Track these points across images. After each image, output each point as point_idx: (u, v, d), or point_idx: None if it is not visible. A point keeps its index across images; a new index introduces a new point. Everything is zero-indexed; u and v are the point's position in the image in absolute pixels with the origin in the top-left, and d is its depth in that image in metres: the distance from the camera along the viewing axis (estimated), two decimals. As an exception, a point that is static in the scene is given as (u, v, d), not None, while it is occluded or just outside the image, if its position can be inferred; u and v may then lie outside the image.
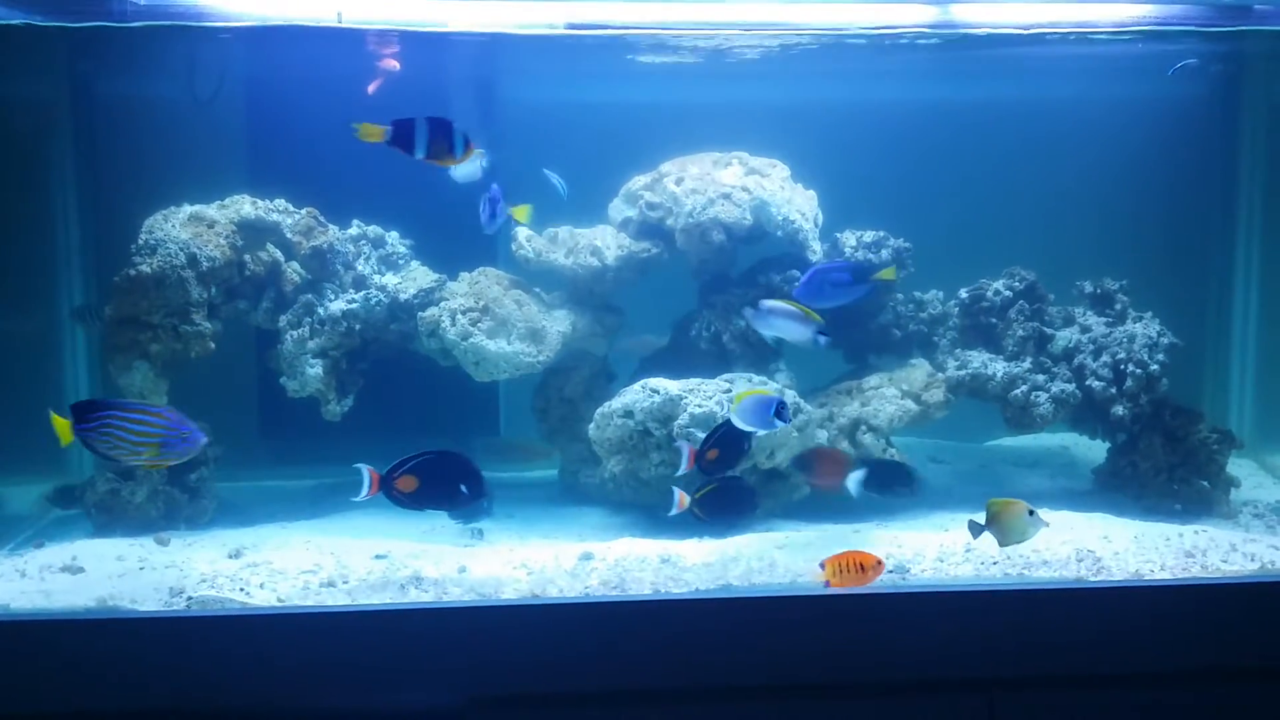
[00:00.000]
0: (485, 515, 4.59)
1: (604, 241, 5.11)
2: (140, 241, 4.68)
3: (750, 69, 5.43)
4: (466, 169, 4.65)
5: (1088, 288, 5.17)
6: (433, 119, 3.92)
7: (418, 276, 5.10)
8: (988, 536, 3.84)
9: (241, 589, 3.84)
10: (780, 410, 4.14)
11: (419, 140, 3.92)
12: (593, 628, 3.64)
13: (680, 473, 4.29)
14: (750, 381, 4.73)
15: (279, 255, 5.05)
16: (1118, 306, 5.08)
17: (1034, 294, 5.13)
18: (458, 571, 4.02)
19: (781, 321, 4.53)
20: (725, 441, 4.25)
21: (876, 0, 4.76)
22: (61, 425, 3.74)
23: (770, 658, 3.63)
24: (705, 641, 3.63)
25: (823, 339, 4.44)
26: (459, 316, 4.86)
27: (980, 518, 3.87)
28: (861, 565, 3.73)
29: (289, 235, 5.00)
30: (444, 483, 3.99)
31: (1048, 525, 3.87)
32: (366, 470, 3.93)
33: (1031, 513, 3.81)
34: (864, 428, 4.87)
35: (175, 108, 5.38)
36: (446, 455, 3.98)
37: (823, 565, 3.71)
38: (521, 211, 4.69)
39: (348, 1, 4.55)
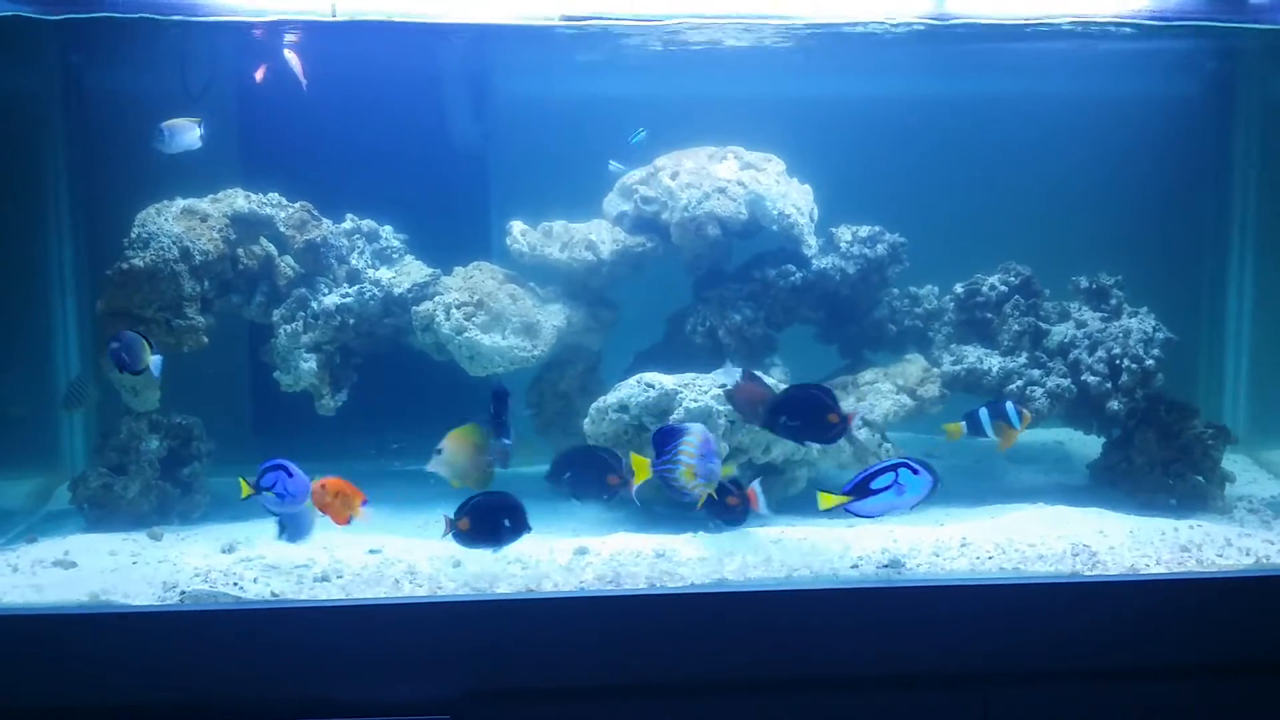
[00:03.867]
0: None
1: (599, 236, 5.10)
2: (133, 235, 4.66)
3: (746, 62, 5.42)
4: (184, 139, 4.66)
5: (1083, 283, 5.16)
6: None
7: (412, 270, 5.08)
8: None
9: (235, 583, 3.83)
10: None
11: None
12: (588, 622, 3.64)
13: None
14: (746, 376, 4.72)
15: (272, 249, 5.03)
16: (1113, 301, 5.07)
17: (1029, 289, 5.13)
18: (452, 566, 4.01)
19: None
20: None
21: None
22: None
23: (765, 652, 3.63)
24: (700, 636, 3.63)
25: None
26: (453, 310, 4.84)
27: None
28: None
29: (282, 229, 4.98)
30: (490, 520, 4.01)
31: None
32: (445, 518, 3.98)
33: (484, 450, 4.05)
34: (859, 422, 4.86)
35: (168, 101, 5.35)
36: (491, 496, 4.03)
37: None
38: None
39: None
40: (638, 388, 4.61)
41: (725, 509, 4.24)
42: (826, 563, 4.00)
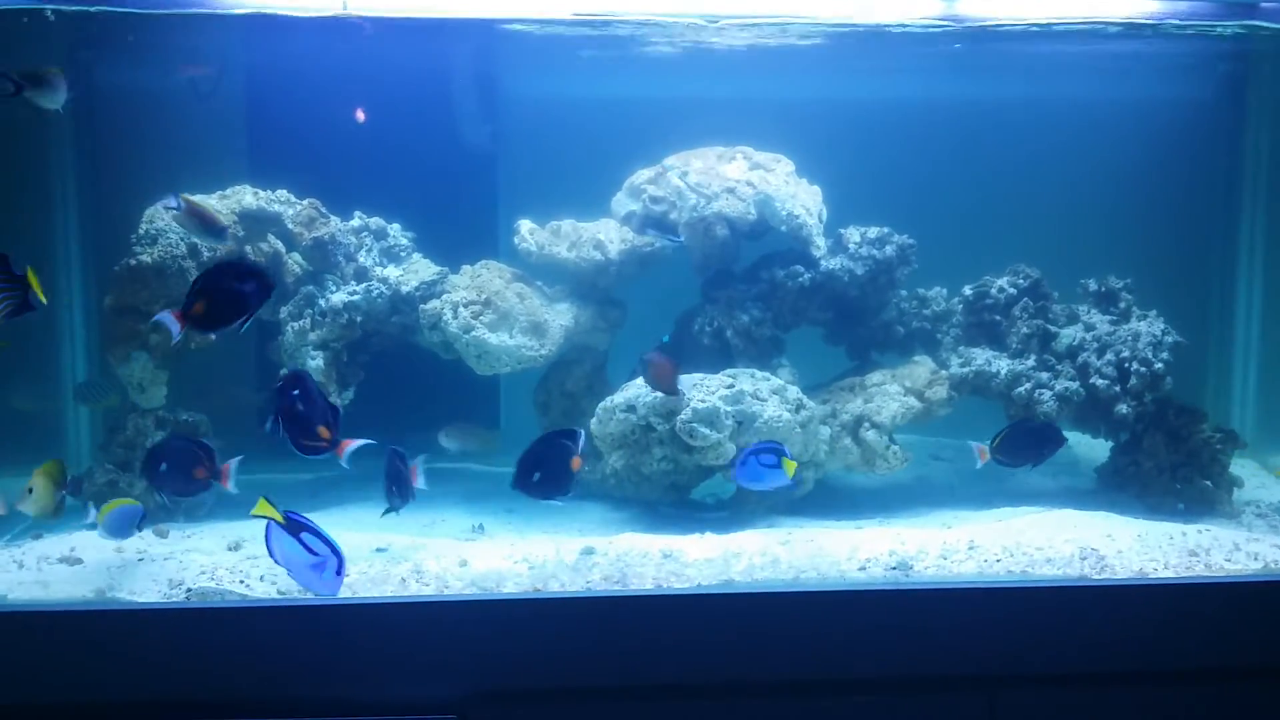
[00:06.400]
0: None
1: (607, 235, 5.10)
2: (141, 231, 4.66)
3: (755, 63, 5.42)
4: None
5: (1092, 286, 5.15)
6: None
7: (419, 269, 5.07)
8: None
9: (241, 581, 3.82)
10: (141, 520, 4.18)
11: None
12: (594, 623, 3.62)
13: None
14: (753, 377, 4.71)
15: (280, 246, 5.03)
16: (1122, 305, 5.06)
17: (1038, 292, 5.12)
18: (458, 565, 4.00)
19: None
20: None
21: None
22: None
23: (772, 654, 3.62)
24: (707, 637, 3.62)
25: None
26: (461, 309, 4.84)
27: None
28: None
29: (290, 226, 4.98)
30: None
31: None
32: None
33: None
34: (867, 424, 4.84)
35: (176, 97, 5.36)
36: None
37: None
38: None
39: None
40: (645, 388, 4.60)
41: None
42: (834, 564, 3.99)
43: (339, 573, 3.59)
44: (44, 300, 3.69)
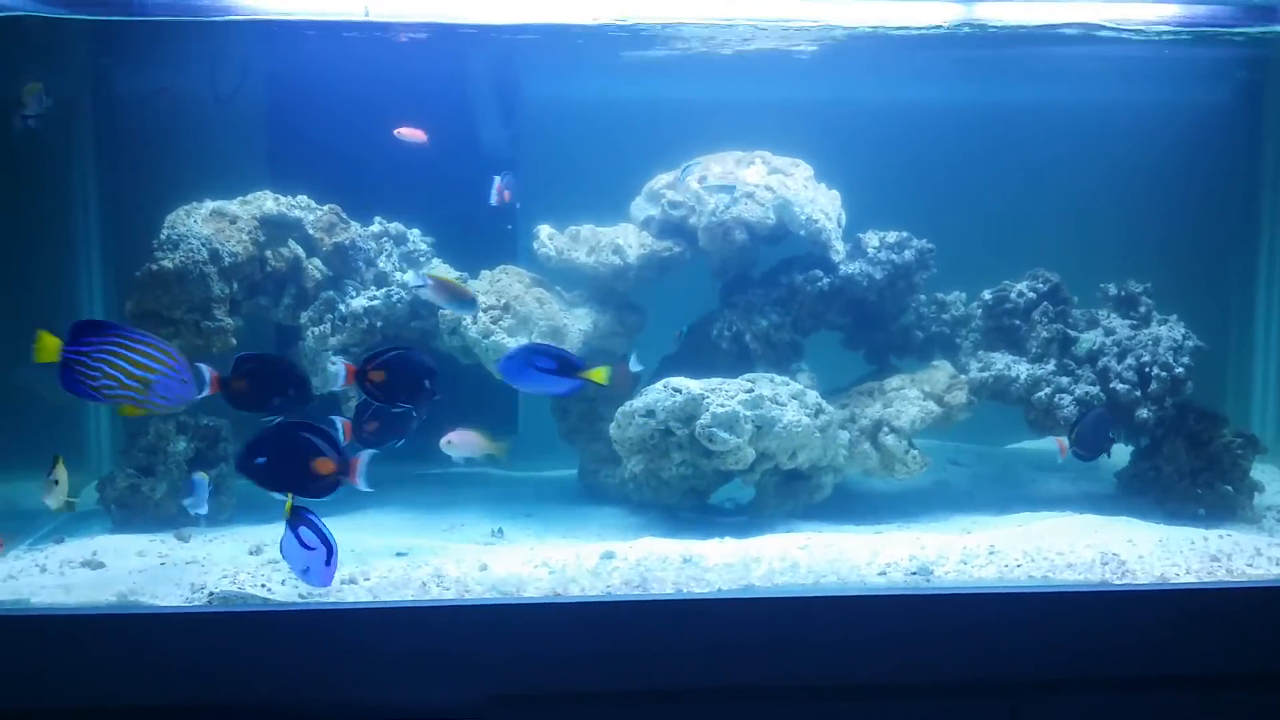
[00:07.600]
0: None
1: (626, 240, 5.10)
2: (162, 236, 4.68)
3: (775, 67, 5.42)
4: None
5: (1112, 290, 5.15)
6: None
7: (439, 274, 5.08)
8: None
9: (263, 585, 3.83)
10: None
11: None
12: (614, 627, 3.62)
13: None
14: (773, 382, 4.71)
15: (301, 252, 5.05)
16: (1142, 309, 5.05)
17: (1058, 296, 5.11)
18: (479, 570, 4.00)
19: None
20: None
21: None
22: (48, 344, 3.52)
23: (792, 659, 3.61)
24: (727, 642, 3.61)
25: None
26: (480, 314, 4.85)
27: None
28: None
29: (311, 232, 5.00)
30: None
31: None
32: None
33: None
34: (886, 429, 4.84)
35: (197, 103, 5.38)
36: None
37: None
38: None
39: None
40: (664, 393, 4.60)
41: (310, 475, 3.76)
42: (854, 569, 3.98)
43: (328, 563, 3.60)
44: None
